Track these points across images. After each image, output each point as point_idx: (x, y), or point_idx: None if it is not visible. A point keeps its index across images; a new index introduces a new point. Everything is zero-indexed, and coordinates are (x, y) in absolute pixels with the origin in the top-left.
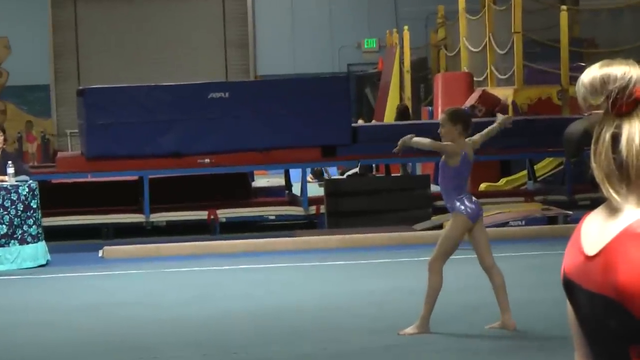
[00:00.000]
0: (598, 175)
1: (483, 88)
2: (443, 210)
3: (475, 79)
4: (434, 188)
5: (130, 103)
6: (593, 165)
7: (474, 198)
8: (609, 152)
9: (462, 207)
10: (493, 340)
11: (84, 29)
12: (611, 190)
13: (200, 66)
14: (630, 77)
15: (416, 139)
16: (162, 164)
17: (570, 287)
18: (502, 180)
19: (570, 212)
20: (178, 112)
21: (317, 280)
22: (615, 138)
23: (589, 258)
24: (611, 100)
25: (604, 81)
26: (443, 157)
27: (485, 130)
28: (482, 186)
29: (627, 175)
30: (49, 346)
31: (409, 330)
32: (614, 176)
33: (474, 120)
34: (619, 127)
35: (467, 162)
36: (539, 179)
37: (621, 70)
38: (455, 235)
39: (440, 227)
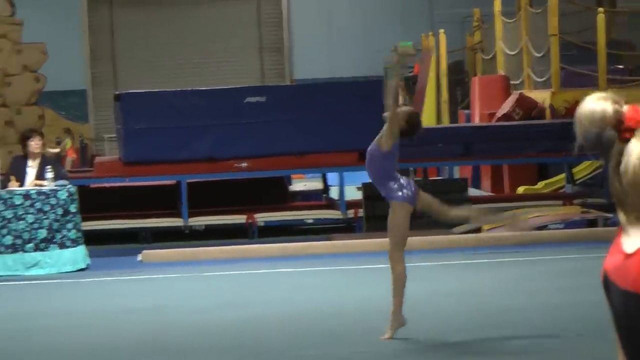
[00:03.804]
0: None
1: (520, 91)
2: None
3: (511, 82)
4: (472, 191)
5: (167, 108)
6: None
7: (406, 179)
8: (615, 176)
9: (400, 194)
10: (529, 341)
11: (120, 33)
12: (620, 211)
13: (236, 71)
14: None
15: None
16: (199, 169)
17: (607, 286)
18: (541, 183)
19: (610, 215)
20: (214, 117)
21: (355, 283)
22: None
23: (628, 256)
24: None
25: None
26: (377, 141)
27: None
28: (521, 189)
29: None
30: (89, 350)
31: (387, 335)
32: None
33: (512, 123)
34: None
35: (397, 146)
36: (577, 182)
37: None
38: (401, 225)
39: (478, 230)
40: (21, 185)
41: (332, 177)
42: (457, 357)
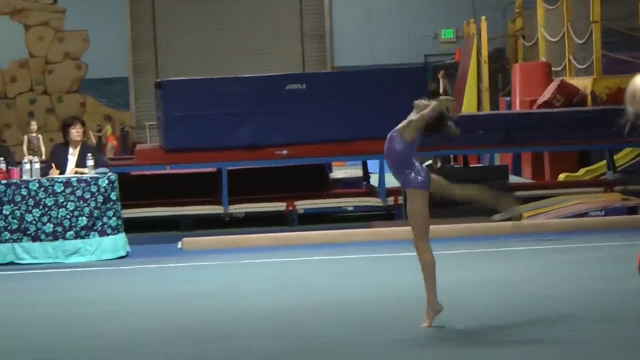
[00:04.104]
0: None
1: (561, 78)
2: (522, 201)
3: (553, 68)
4: (513, 178)
5: (208, 95)
6: None
7: (419, 164)
8: None
9: (417, 182)
10: (567, 329)
11: (162, 21)
12: None
13: (277, 58)
14: None
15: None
16: (239, 156)
17: None
18: (582, 171)
19: None
20: (255, 104)
21: (394, 271)
22: None
23: None
24: None
25: None
26: (400, 130)
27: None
28: (561, 176)
29: None
30: (130, 336)
31: (426, 323)
32: None
33: (553, 110)
34: None
35: (419, 138)
36: (618, 169)
37: None
38: (421, 213)
39: (519, 217)
40: (62, 172)
41: (373, 164)
42: (494, 345)
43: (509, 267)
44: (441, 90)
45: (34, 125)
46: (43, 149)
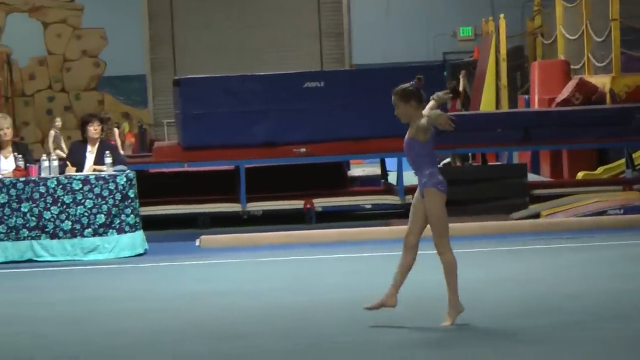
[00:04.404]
0: None
1: (580, 76)
2: (540, 199)
3: (572, 66)
4: (531, 177)
5: (226, 93)
6: None
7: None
8: None
9: (435, 182)
10: (586, 328)
11: (179, 19)
12: None
13: (295, 55)
14: None
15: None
16: (257, 154)
17: None
18: (600, 169)
19: None
20: (273, 102)
21: (412, 270)
22: None
23: None
24: None
25: None
26: (410, 133)
27: (427, 108)
28: (580, 174)
29: None
30: (147, 334)
31: (448, 322)
32: None
33: (571, 108)
34: None
35: (433, 134)
36: (637, 167)
37: None
38: (440, 213)
39: (537, 215)
40: (80, 170)
41: (391, 162)
42: (514, 343)
43: (527, 266)
44: (461, 88)
45: (58, 122)
46: (64, 145)
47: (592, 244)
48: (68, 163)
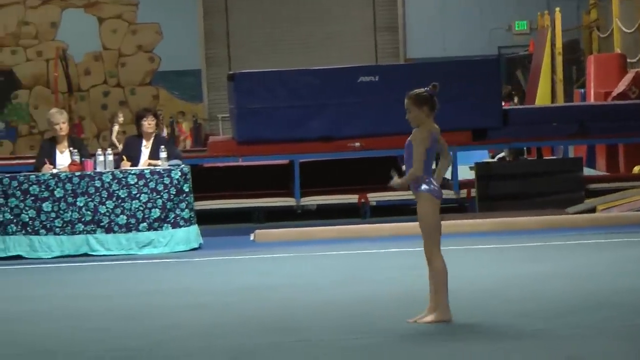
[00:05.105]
0: None
1: (637, 70)
2: (596, 193)
3: (628, 60)
4: (587, 171)
5: (280, 87)
6: None
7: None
8: None
9: (427, 187)
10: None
11: (234, 13)
12: None
13: (349, 50)
14: None
15: (401, 179)
16: (312, 148)
17: None
18: None
19: None
20: (328, 96)
21: (467, 264)
22: None
23: None
24: None
25: None
26: (412, 137)
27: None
28: (636, 169)
29: None
30: (202, 328)
31: (428, 318)
32: None
33: (628, 102)
34: None
35: (435, 141)
36: None
37: None
38: (430, 217)
39: (593, 210)
40: (135, 164)
41: None
42: (569, 338)
43: (582, 261)
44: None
45: (121, 118)
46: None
47: None
48: (123, 157)
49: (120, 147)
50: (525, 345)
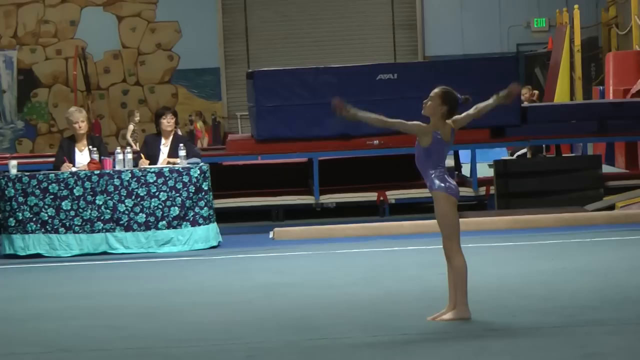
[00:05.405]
0: None
1: None
2: (615, 191)
3: None
4: (606, 168)
5: (299, 85)
6: None
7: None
8: None
9: (442, 185)
10: None
11: (253, 11)
12: None
13: (368, 48)
14: None
15: (367, 114)
16: (330, 146)
17: None
18: None
19: None
20: (346, 94)
21: (486, 261)
22: None
23: None
24: None
25: None
26: (418, 140)
27: (474, 108)
28: None
29: None
30: (223, 326)
31: (431, 317)
32: None
33: None
34: None
35: (439, 142)
36: None
37: None
38: (448, 215)
39: (612, 207)
40: (154, 163)
41: (464, 154)
42: (589, 335)
43: (601, 258)
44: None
45: (137, 116)
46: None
47: None
48: (142, 156)
49: (135, 146)
50: (544, 342)
